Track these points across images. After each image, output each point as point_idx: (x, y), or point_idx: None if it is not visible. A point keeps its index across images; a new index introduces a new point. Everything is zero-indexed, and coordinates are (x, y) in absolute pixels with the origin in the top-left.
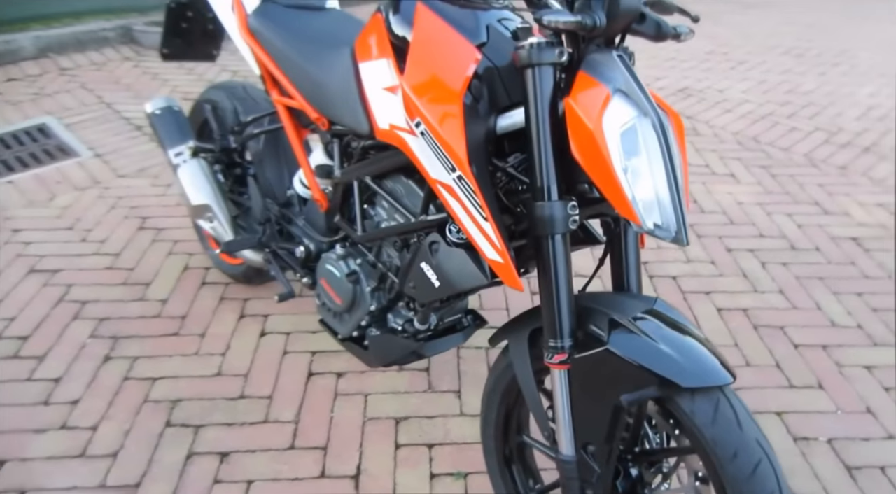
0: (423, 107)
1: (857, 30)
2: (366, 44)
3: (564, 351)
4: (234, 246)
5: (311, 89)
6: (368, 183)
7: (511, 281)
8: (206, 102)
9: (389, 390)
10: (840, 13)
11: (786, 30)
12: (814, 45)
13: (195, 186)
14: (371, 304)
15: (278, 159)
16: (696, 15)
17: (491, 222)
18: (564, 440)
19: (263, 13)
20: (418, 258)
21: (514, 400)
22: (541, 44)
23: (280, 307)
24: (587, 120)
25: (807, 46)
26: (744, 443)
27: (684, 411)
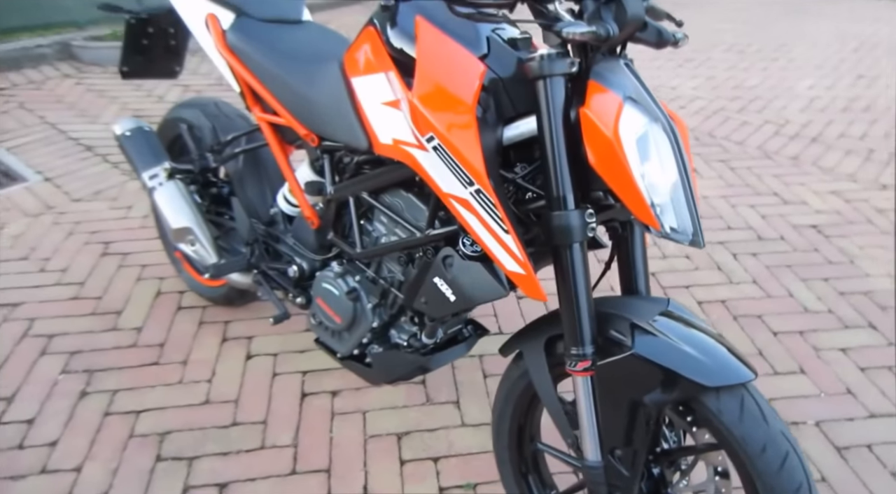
0: (437, 122)
1: (789, 26)
2: (358, 58)
3: (588, 358)
4: (223, 269)
5: (298, 105)
6: (365, 198)
7: (534, 292)
8: (179, 121)
9: (388, 405)
10: (770, 10)
11: (724, 27)
12: (752, 41)
13: (174, 209)
14: (373, 321)
15: (259, 177)
16: (680, 20)
17: (512, 234)
18: (590, 446)
19: (241, 28)
20: (431, 273)
21: (526, 408)
22: (551, 55)
23: (264, 328)
24: (605, 128)
25: (746, 42)
26: (771, 437)
27: (710, 410)
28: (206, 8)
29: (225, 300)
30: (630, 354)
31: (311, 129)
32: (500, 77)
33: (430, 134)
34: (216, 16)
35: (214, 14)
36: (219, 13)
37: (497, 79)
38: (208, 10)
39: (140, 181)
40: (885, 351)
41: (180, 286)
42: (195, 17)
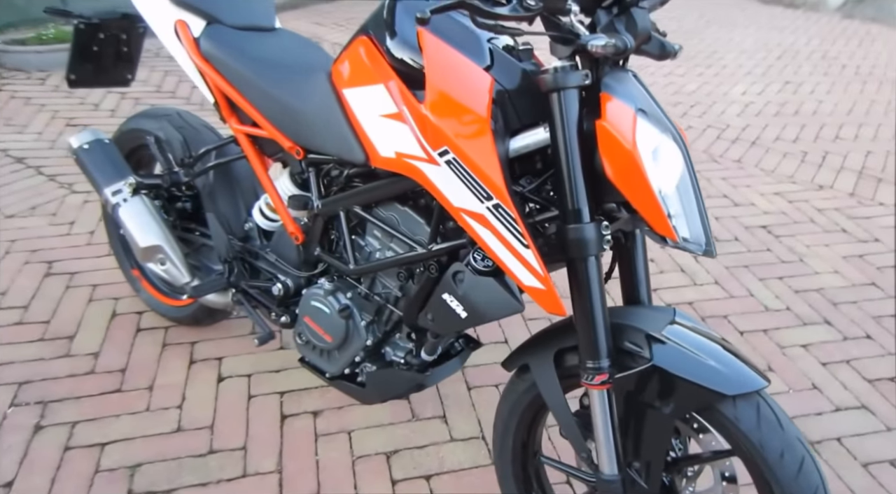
0: (453, 136)
1: (718, 34)
2: (350, 69)
3: (605, 371)
4: (201, 290)
5: (282, 117)
6: (357, 212)
7: (554, 307)
8: (141, 133)
9: (373, 424)
10: (698, 19)
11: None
12: (685, 48)
13: (142, 226)
14: (367, 339)
15: (232, 191)
16: (664, 31)
17: (533, 249)
18: (607, 460)
19: (214, 36)
20: (439, 289)
21: (530, 422)
22: (565, 67)
23: (234, 347)
24: (624, 141)
25: None
26: (788, 443)
27: (728, 418)
28: (176, 14)
29: (192, 320)
30: (650, 366)
31: (297, 142)
32: (505, 88)
33: (444, 147)
34: (186, 23)
35: (184, 21)
36: (189, 20)
37: (503, 90)
38: (177, 16)
39: (101, 197)
40: (841, 346)
41: (138, 306)
42: (163, 24)
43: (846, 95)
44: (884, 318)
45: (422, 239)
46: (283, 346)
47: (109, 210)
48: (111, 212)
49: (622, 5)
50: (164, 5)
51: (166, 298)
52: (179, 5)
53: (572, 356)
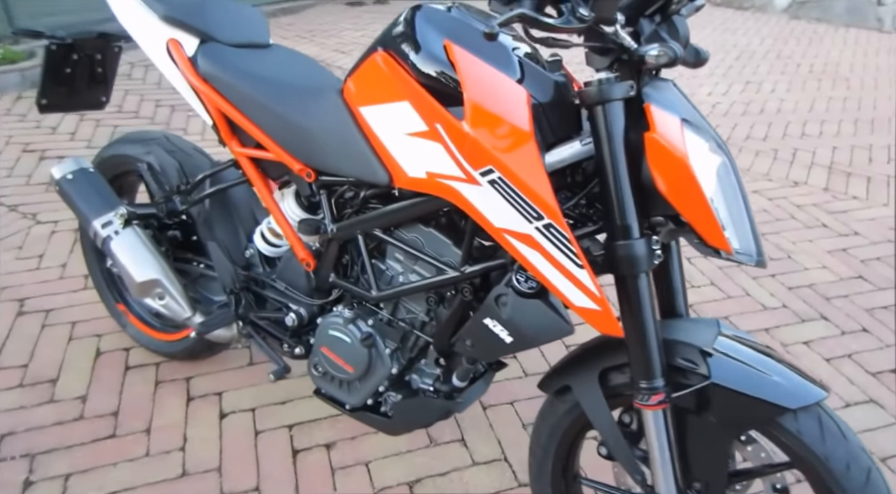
0: (500, 155)
1: None
2: (368, 86)
3: (661, 390)
4: (210, 325)
5: (291, 138)
6: (378, 235)
7: (611, 327)
8: (128, 159)
9: (390, 453)
10: None
11: None
12: None
13: (137, 260)
14: (392, 367)
15: (230, 217)
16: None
17: (588, 270)
18: (664, 482)
19: (211, 55)
20: (480, 314)
21: (570, 445)
22: (610, 79)
23: (233, 380)
24: (677, 153)
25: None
26: (853, 454)
27: (789, 431)
28: (168, 33)
29: (187, 354)
30: (710, 383)
31: (308, 163)
32: (539, 102)
33: (489, 167)
34: (179, 41)
35: (177, 40)
36: (182, 38)
37: (538, 104)
38: (170, 35)
39: (90, 230)
40: (841, 340)
41: (124, 342)
42: (154, 43)
43: (805, 93)
44: (876, 310)
45: (450, 260)
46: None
47: (99, 243)
48: (101, 245)
49: (665, 14)
50: (154, 24)
51: (158, 333)
52: (171, 23)
53: (617, 375)
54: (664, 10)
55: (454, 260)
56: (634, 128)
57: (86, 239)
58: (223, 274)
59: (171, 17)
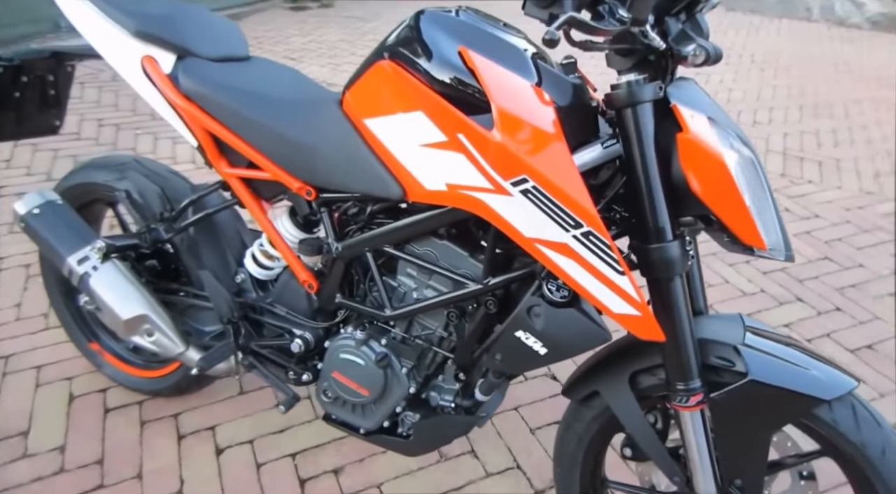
0: (535, 163)
1: None
2: (373, 97)
3: (699, 391)
4: (212, 360)
5: (289, 155)
6: (388, 251)
7: (653, 332)
8: (100, 187)
9: (402, 472)
10: None
11: None
12: None
13: (121, 296)
14: (409, 387)
15: (217, 243)
16: None
17: (629, 275)
18: (703, 481)
19: (192, 71)
20: (511, 326)
21: (598, 451)
22: (639, 81)
23: (226, 412)
24: (713, 153)
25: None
26: (888, 440)
27: (825, 422)
28: (141, 50)
29: (174, 390)
30: (749, 380)
31: (309, 181)
32: (559, 106)
33: (522, 176)
34: (155, 58)
35: (152, 56)
36: (157, 55)
37: (559, 108)
38: (144, 52)
39: (63, 268)
40: (818, 320)
41: (100, 383)
42: (127, 62)
43: (750, 83)
44: (845, 289)
45: (468, 272)
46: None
47: (75, 281)
48: (78, 283)
49: (690, 12)
50: (126, 41)
51: (139, 370)
52: (145, 39)
53: (647, 377)
54: (690, 8)
55: (474, 273)
56: (660, 129)
57: (49, 275)
58: (219, 303)
59: (145, 33)
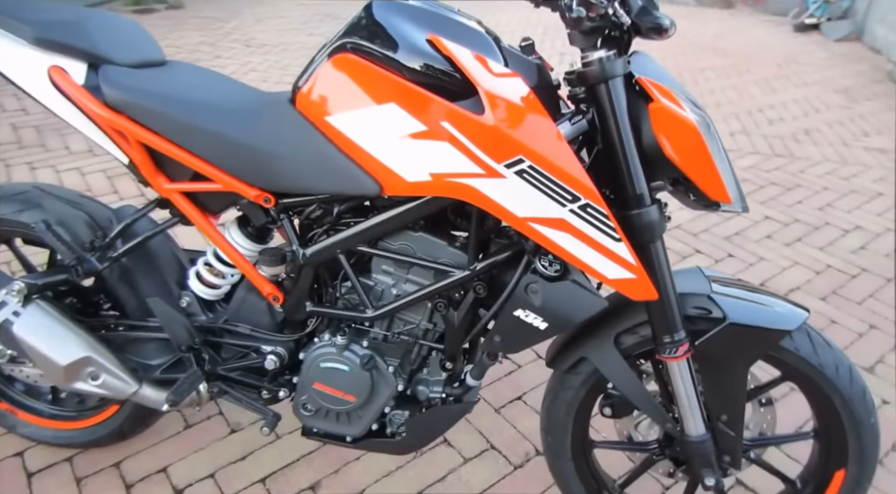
0: (530, 143)
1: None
2: (334, 94)
3: (685, 341)
4: (182, 391)
5: (242, 163)
6: (362, 250)
7: (647, 292)
8: (10, 222)
9: (381, 475)
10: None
11: None
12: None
13: (56, 340)
14: (397, 385)
15: (154, 267)
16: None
17: (625, 242)
18: (693, 423)
19: (115, 80)
20: (510, 306)
21: (586, 416)
22: (610, 57)
23: (175, 449)
24: (686, 119)
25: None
26: (838, 358)
27: (788, 350)
28: (46, 60)
29: (115, 436)
30: (728, 324)
31: (267, 188)
32: (531, 86)
33: (518, 157)
34: (63, 68)
35: (60, 66)
36: (64, 64)
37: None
38: (50, 62)
39: None
40: (717, 267)
41: (14, 445)
42: (30, 75)
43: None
44: (732, 237)
45: (449, 260)
46: (234, 428)
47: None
48: (2, 332)
49: None
50: (25, 52)
51: (68, 422)
52: (48, 48)
53: (628, 336)
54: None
55: (455, 260)
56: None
57: None
58: (176, 330)
59: (48, 40)
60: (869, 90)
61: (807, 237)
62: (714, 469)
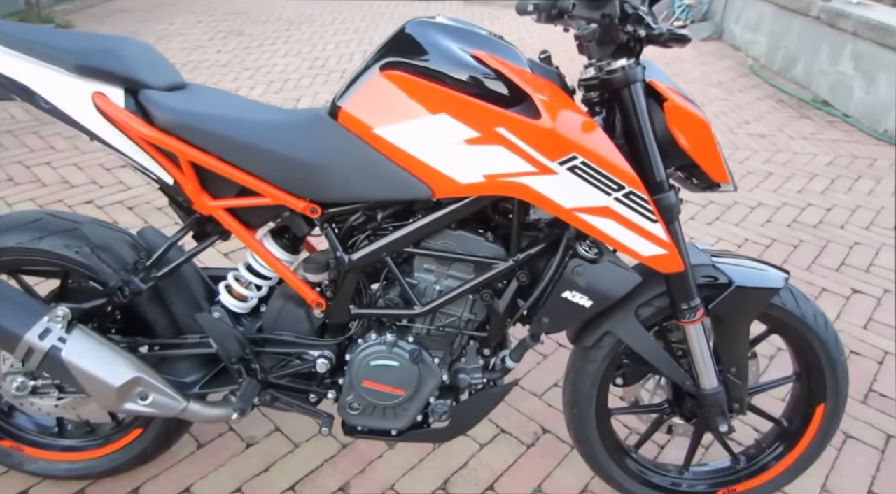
0: (581, 141)
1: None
2: (382, 108)
3: (700, 306)
4: (246, 398)
5: (292, 176)
6: (410, 251)
7: (676, 264)
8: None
9: (406, 469)
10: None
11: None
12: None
13: (105, 362)
14: (442, 375)
15: (184, 284)
16: None
17: (661, 222)
18: (708, 378)
19: (159, 103)
20: (558, 289)
21: (606, 387)
22: (631, 65)
23: (195, 468)
24: (697, 114)
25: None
26: (814, 308)
27: (777, 306)
28: (89, 87)
29: (138, 460)
30: (735, 287)
31: (316, 199)
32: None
33: (572, 154)
34: (105, 94)
35: (103, 92)
36: (105, 90)
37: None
38: (93, 88)
39: (16, 350)
40: None
41: (19, 483)
42: (74, 101)
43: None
44: None
45: (489, 254)
46: (249, 442)
47: (36, 362)
48: (41, 362)
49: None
50: (66, 80)
51: (80, 453)
52: (89, 75)
53: (645, 309)
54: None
55: (494, 253)
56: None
57: None
58: (227, 343)
59: (89, 67)
60: (739, 83)
61: (723, 216)
62: (727, 417)
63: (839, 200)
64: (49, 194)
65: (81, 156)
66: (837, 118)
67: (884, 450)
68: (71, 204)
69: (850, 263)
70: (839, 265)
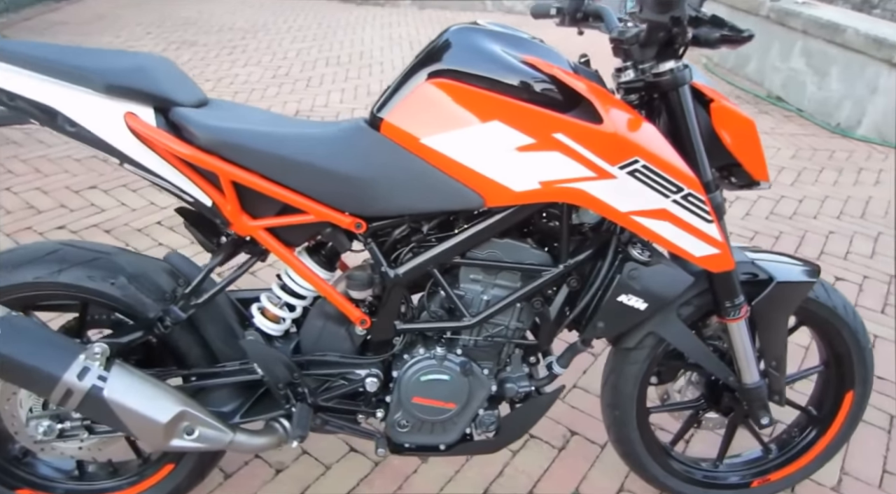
0: (644, 144)
1: (348, 36)
2: (431, 117)
3: (744, 303)
4: (303, 424)
5: (336, 191)
6: (457, 261)
7: (727, 263)
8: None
9: (443, 481)
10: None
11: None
12: (341, 54)
13: (149, 398)
14: (491, 386)
15: (218, 311)
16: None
17: (716, 222)
18: (750, 372)
19: (195, 121)
20: (614, 293)
21: (645, 387)
22: (680, 68)
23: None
24: (743, 115)
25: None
26: (842, 299)
27: (811, 298)
28: (120, 107)
29: None
30: (776, 283)
31: (360, 213)
32: None
33: (634, 158)
34: (136, 114)
35: (134, 112)
36: (135, 110)
37: None
38: (124, 109)
39: (54, 392)
40: None
41: None
42: (107, 123)
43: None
44: None
45: (536, 261)
46: (278, 469)
47: (76, 402)
48: (82, 402)
49: None
50: (96, 101)
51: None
52: (119, 95)
53: (686, 308)
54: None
55: (541, 260)
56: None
57: None
58: (274, 369)
59: (120, 87)
60: None
61: None
62: (768, 409)
63: (808, 192)
64: (15, 221)
65: (44, 179)
66: (793, 113)
67: (889, 431)
68: (41, 230)
69: (829, 251)
70: (819, 254)
